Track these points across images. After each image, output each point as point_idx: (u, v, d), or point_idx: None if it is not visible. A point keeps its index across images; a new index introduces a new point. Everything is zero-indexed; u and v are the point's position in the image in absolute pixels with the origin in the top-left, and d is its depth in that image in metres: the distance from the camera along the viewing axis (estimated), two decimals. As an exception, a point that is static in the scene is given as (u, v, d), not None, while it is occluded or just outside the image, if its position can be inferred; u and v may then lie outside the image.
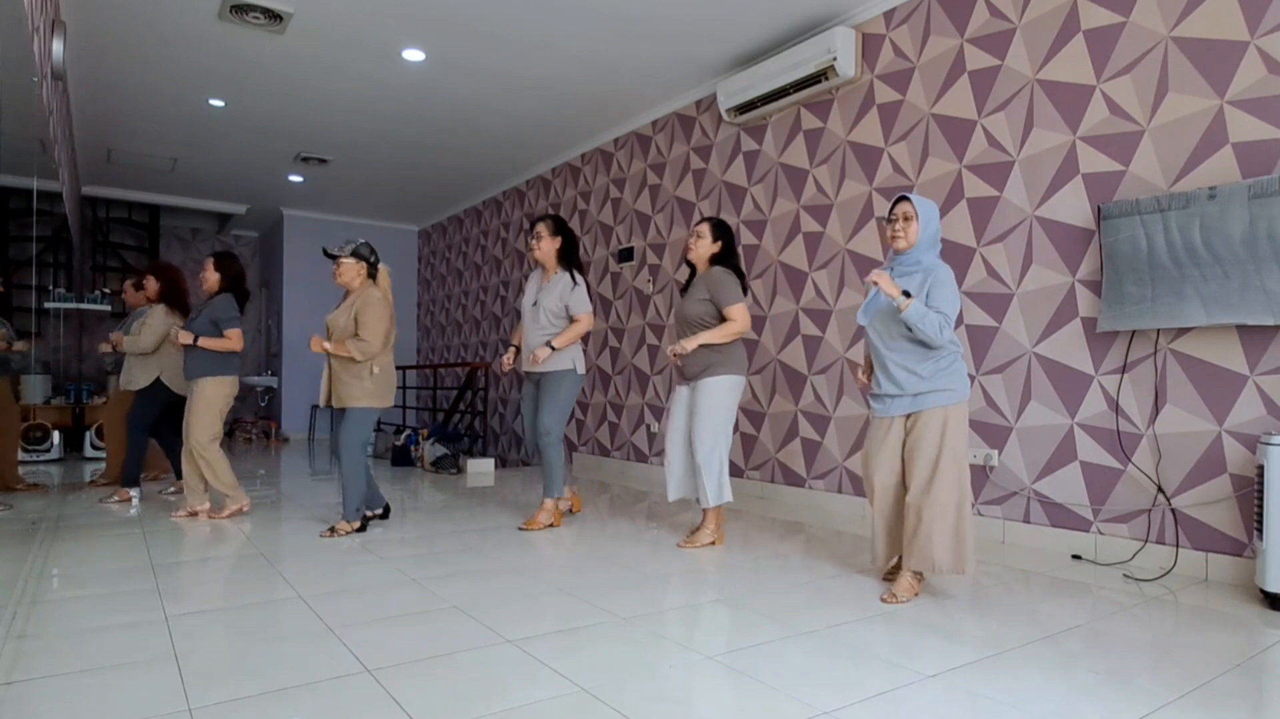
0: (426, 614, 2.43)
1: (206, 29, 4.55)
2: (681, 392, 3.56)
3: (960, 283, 3.83)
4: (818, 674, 1.95)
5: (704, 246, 3.48)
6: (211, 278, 4.12)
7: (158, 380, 4.51)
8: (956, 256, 3.86)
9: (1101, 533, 3.27)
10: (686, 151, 5.59)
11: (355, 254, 3.70)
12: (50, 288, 6.76)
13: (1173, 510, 3.07)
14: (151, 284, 4.69)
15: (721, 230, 3.51)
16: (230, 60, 4.98)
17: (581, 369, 3.90)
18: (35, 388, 6.90)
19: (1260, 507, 2.58)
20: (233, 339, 4.01)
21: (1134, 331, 3.17)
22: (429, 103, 5.72)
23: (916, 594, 2.66)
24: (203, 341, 3.94)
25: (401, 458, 6.61)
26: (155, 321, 4.52)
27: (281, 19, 4.38)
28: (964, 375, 2.67)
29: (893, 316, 2.67)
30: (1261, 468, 2.58)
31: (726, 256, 3.50)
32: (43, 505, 4.50)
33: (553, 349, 3.72)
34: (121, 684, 1.85)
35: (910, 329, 2.60)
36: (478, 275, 8.65)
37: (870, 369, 2.87)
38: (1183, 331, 3.04)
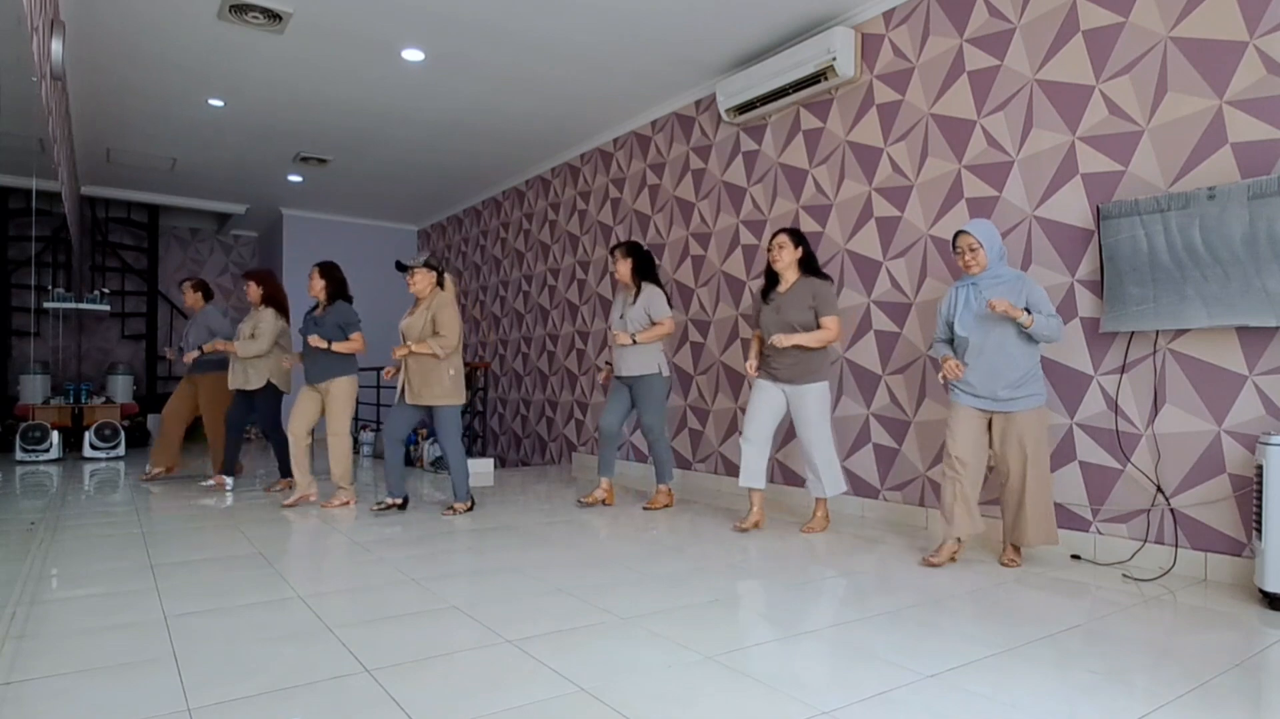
0: (426, 614, 2.43)
1: (206, 29, 4.55)
2: (770, 390, 3.85)
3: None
4: (818, 674, 1.95)
5: (788, 255, 3.81)
6: (318, 284, 4.47)
7: (268, 382, 4.94)
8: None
9: (1100, 533, 3.28)
10: (686, 151, 5.59)
11: (427, 265, 4.20)
12: (49, 288, 6.77)
13: (1172, 510, 3.07)
14: (254, 289, 5.05)
15: (800, 237, 3.84)
16: (230, 60, 4.98)
17: (666, 372, 4.44)
18: (35, 388, 6.91)
19: (1259, 507, 2.58)
20: (357, 341, 4.39)
21: (1133, 332, 3.17)
22: (429, 103, 5.72)
23: (1019, 564, 3.15)
24: (336, 346, 4.32)
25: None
26: (267, 325, 4.90)
27: (281, 19, 4.38)
28: (1043, 381, 3.13)
29: (994, 326, 3.08)
30: (1260, 468, 2.58)
31: (809, 260, 3.85)
32: (42, 505, 4.50)
33: (635, 341, 4.28)
34: (121, 684, 1.85)
35: (1034, 338, 3.03)
36: (477, 275, 8.66)
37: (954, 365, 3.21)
38: (1182, 332, 3.04)
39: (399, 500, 4.26)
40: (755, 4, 4.21)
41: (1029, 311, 3.00)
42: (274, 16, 4.36)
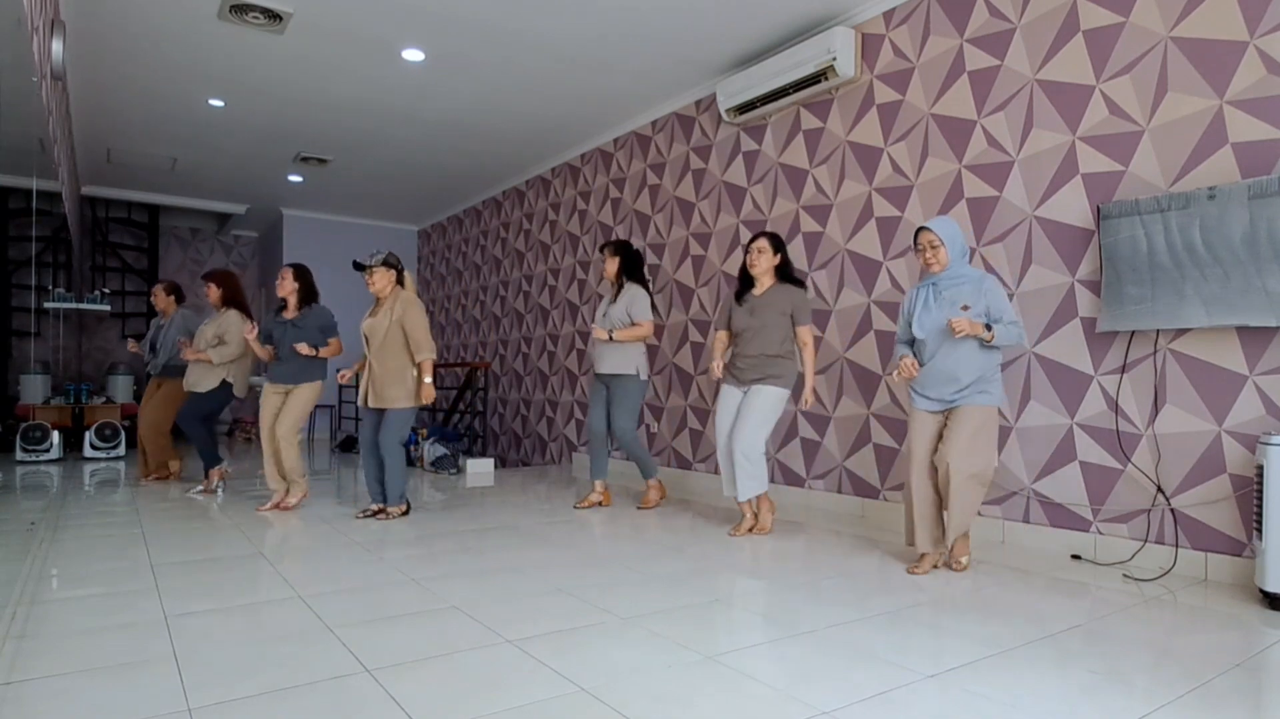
0: (426, 614, 2.43)
1: (206, 29, 4.55)
2: (732, 394, 3.81)
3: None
4: (818, 674, 1.95)
5: (767, 260, 3.77)
6: (290, 286, 4.37)
7: (224, 382, 4.84)
8: (956, 257, 3.87)
9: (1101, 533, 3.28)
10: (686, 151, 5.59)
11: (385, 263, 4.07)
12: (50, 288, 6.77)
13: (1172, 510, 3.07)
14: (214, 291, 4.95)
15: (780, 243, 3.82)
16: (230, 60, 4.98)
17: (644, 375, 4.36)
18: (35, 388, 6.91)
19: (1259, 507, 2.58)
20: (336, 345, 4.38)
21: (1133, 332, 3.17)
22: (429, 103, 5.72)
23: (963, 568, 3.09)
24: (323, 352, 4.28)
25: (401, 458, 6.61)
26: (235, 328, 4.81)
27: (281, 19, 4.38)
28: (999, 384, 3.05)
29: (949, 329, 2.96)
30: (1261, 468, 2.58)
31: (786, 266, 3.83)
32: (42, 505, 4.50)
33: (611, 338, 4.25)
34: (121, 684, 1.85)
35: (998, 348, 2.99)
36: (477, 275, 8.66)
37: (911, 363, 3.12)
38: (1182, 332, 3.04)
39: (380, 506, 4.16)
40: (755, 4, 4.21)
41: (989, 327, 2.92)
42: (274, 16, 4.36)
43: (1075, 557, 3.29)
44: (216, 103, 5.75)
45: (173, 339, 5.26)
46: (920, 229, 3.07)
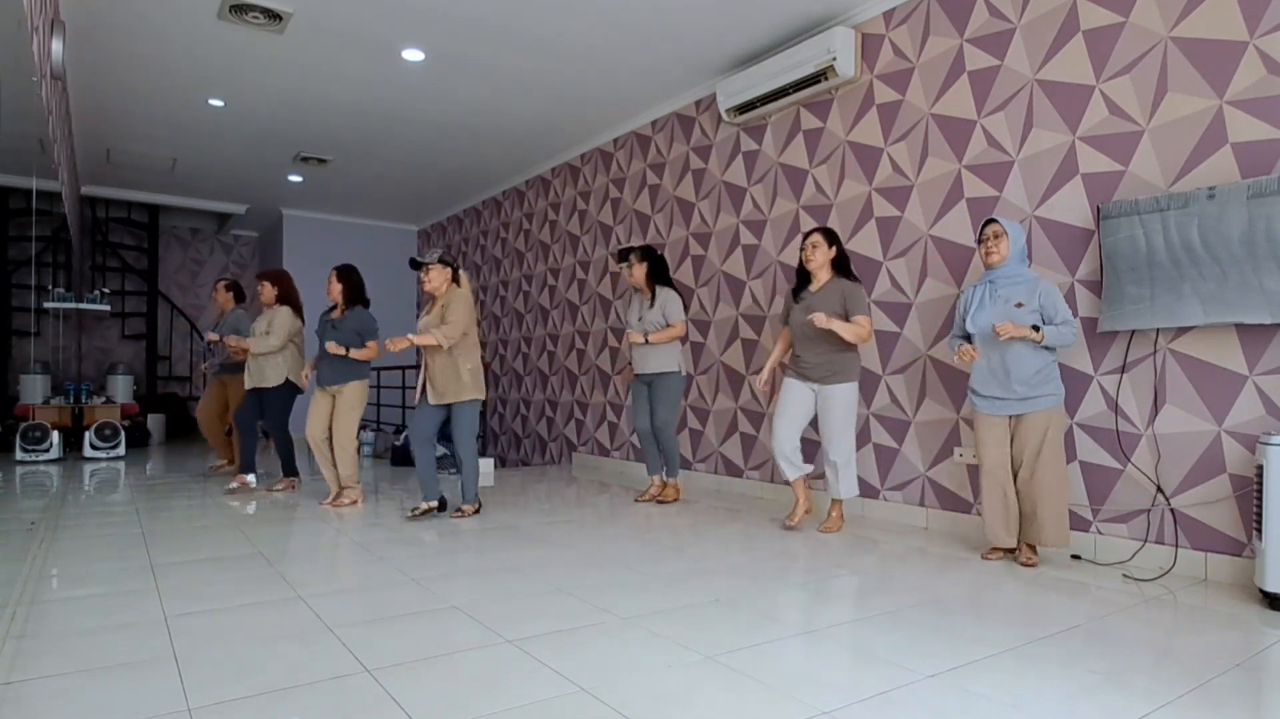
0: (426, 614, 2.43)
1: (206, 29, 4.55)
2: (798, 387, 3.86)
3: (960, 283, 3.84)
4: (818, 674, 1.95)
5: (822, 254, 3.79)
6: (335, 289, 4.48)
7: (286, 379, 4.97)
8: (957, 257, 3.87)
9: (1101, 533, 3.28)
10: (686, 151, 5.59)
11: (442, 261, 4.10)
12: (49, 287, 6.76)
13: (1172, 510, 3.07)
14: (269, 290, 5.09)
15: (834, 237, 3.83)
16: (230, 60, 4.98)
17: (684, 370, 4.60)
18: (35, 388, 6.91)
19: (1259, 506, 2.58)
20: (373, 348, 4.44)
21: (1133, 331, 3.17)
22: (429, 103, 5.72)
23: (1036, 563, 3.16)
24: (354, 353, 4.35)
25: (401, 457, 6.61)
26: (282, 321, 4.94)
27: (281, 19, 4.38)
28: (1060, 380, 3.14)
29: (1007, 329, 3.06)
30: (1261, 468, 2.58)
31: (842, 261, 3.83)
32: (42, 505, 4.50)
33: (648, 341, 4.46)
34: (121, 684, 1.85)
35: (1051, 348, 3.09)
36: (477, 275, 8.65)
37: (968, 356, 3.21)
38: (1182, 331, 3.04)
39: (434, 504, 4.12)
40: (755, 4, 4.21)
41: (1038, 328, 3.03)
42: (274, 16, 4.36)
43: (1075, 556, 3.29)
44: (216, 103, 5.74)
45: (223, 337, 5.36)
46: (989, 220, 3.22)
